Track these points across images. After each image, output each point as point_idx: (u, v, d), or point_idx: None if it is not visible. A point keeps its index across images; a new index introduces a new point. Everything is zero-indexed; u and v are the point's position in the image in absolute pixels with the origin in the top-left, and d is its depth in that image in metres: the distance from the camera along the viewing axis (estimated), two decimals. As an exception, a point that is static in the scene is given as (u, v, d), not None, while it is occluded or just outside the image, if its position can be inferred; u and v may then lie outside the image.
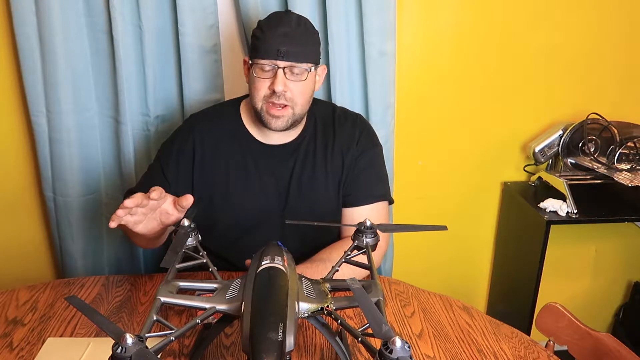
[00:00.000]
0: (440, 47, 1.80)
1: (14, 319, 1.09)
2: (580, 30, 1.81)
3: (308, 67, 1.22)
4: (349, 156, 1.34)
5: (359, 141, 1.35)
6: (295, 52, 1.19)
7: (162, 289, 0.81)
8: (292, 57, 1.19)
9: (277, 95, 1.20)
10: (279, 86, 1.19)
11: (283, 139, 1.32)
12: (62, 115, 1.61)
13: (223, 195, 1.31)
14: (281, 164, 1.32)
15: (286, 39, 1.18)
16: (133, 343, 0.63)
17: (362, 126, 1.39)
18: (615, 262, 2.11)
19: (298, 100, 1.23)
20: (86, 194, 1.71)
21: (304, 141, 1.33)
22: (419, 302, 1.17)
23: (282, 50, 1.17)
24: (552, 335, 1.25)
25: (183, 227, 0.99)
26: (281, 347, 0.67)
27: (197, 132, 1.32)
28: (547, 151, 1.80)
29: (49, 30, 1.53)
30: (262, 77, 1.21)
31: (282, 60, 1.18)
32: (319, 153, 1.33)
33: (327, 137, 1.34)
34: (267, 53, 1.19)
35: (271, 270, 0.82)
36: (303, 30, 1.23)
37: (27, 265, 1.90)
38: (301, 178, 1.32)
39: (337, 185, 1.34)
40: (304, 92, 1.23)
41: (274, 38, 1.18)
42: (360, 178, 1.35)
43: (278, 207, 1.32)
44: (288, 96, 1.21)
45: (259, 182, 1.31)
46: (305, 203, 1.32)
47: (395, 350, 0.62)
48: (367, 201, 1.36)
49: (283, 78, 1.19)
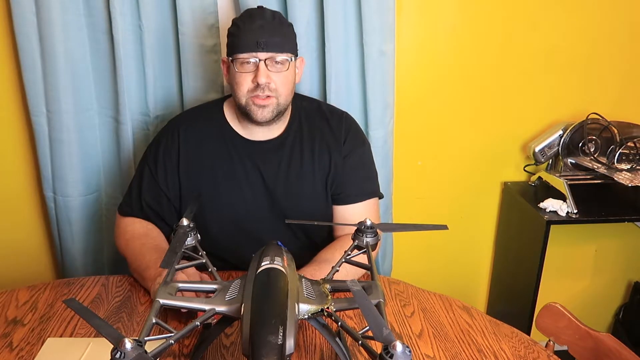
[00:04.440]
0: (440, 47, 1.80)
1: (14, 319, 1.09)
2: (580, 30, 1.81)
3: (288, 56, 1.22)
4: (336, 154, 1.34)
5: (346, 140, 1.36)
6: (275, 42, 1.20)
7: (161, 291, 0.81)
8: (272, 48, 1.19)
9: (261, 88, 1.20)
10: (262, 78, 1.19)
11: (268, 135, 1.32)
12: (62, 115, 1.61)
13: (210, 193, 1.31)
14: (267, 160, 1.32)
15: (264, 30, 1.19)
16: (132, 348, 0.63)
17: (349, 124, 1.39)
18: (615, 262, 2.11)
19: (282, 90, 1.23)
20: (86, 194, 1.71)
21: (289, 137, 1.33)
22: (418, 302, 1.17)
23: (261, 42, 1.18)
24: (552, 335, 1.25)
25: (182, 227, 0.97)
26: (281, 350, 0.67)
27: (182, 131, 1.33)
28: (547, 151, 1.80)
29: (49, 30, 1.53)
30: (243, 72, 1.21)
31: (262, 51, 1.19)
32: (306, 149, 1.33)
33: (313, 132, 1.35)
34: (246, 46, 1.19)
35: (271, 271, 0.82)
36: (278, 21, 1.24)
37: (27, 265, 1.90)
38: (288, 174, 1.32)
39: (324, 182, 1.35)
40: (286, 82, 1.24)
41: (251, 31, 1.19)
42: (351, 177, 1.36)
43: (266, 204, 1.32)
44: (272, 87, 1.21)
45: (246, 179, 1.32)
46: (293, 199, 1.33)
47: (396, 354, 0.61)
48: (359, 199, 1.37)
49: (265, 70, 1.20)
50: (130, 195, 1.36)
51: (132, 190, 1.36)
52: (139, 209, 1.34)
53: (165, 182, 1.32)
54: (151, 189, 1.33)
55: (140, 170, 1.37)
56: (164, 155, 1.32)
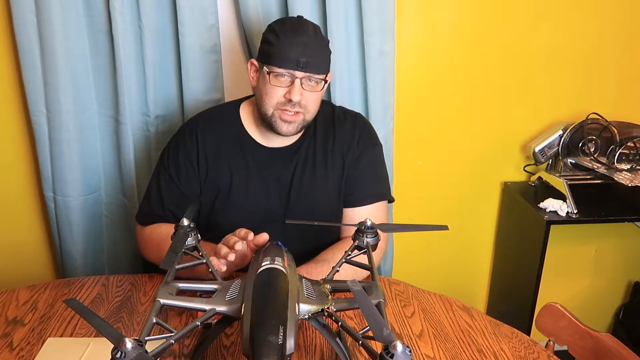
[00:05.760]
0: (440, 47, 1.80)
1: (14, 319, 1.09)
2: (580, 30, 1.81)
3: (323, 77, 1.22)
4: (349, 156, 1.34)
5: (359, 141, 1.35)
6: (314, 63, 1.18)
7: (162, 291, 0.81)
8: (311, 69, 1.18)
9: (292, 104, 1.19)
10: (297, 96, 1.18)
11: (285, 142, 1.32)
12: (62, 115, 1.60)
13: (226, 196, 1.31)
14: (282, 167, 1.32)
15: (306, 49, 1.17)
16: (132, 348, 0.63)
17: (362, 125, 1.38)
18: (615, 262, 2.11)
19: (311, 107, 1.23)
20: (86, 194, 1.71)
21: (304, 143, 1.33)
22: (419, 302, 1.17)
23: (302, 61, 1.16)
24: (552, 335, 1.25)
25: (182, 227, 0.97)
26: (282, 350, 0.67)
27: (199, 134, 1.31)
28: (547, 151, 1.80)
29: (49, 30, 1.53)
30: (277, 85, 1.19)
31: (301, 71, 1.17)
32: (319, 154, 1.33)
33: (327, 137, 1.34)
34: (286, 62, 1.17)
35: (271, 272, 0.82)
36: (320, 39, 1.22)
37: (27, 265, 1.90)
38: (302, 180, 1.32)
39: (337, 186, 1.34)
40: (316, 100, 1.24)
41: (293, 47, 1.17)
42: (361, 178, 1.35)
43: (280, 209, 1.32)
44: (303, 104, 1.21)
45: (261, 184, 1.31)
46: (307, 205, 1.32)
47: (396, 354, 0.61)
48: (368, 201, 1.36)
49: (300, 88, 1.19)
50: (150, 203, 1.33)
51: (151, 199, 1.33)
52: (162, 217, 1.32)
53: (188, 186, 1.31)
54: (173, 195, 1.31)
55: (157, 177, 1.34)
56: (184, 160, 1.30)
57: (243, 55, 1.72)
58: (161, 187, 1.32)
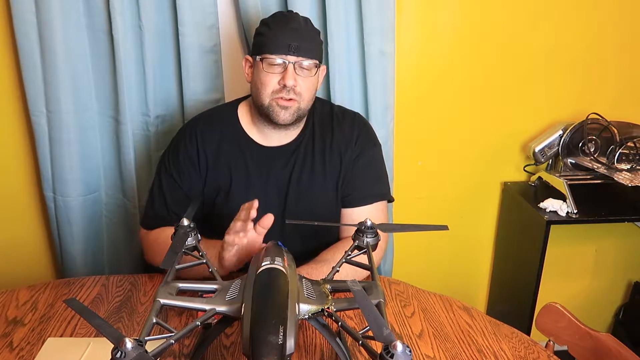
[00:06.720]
0: (440, 47, 1.80)
1: (14, 319, 1.09)
2: (580, 30, 1.81)
3: (315, 63, 1.23)
4: (347, 155, 1.34)
5: (357, 141, 1.35)
6: (305, 47, 1.21)
7: (162, 291, 0.81)
8: (302, 53, 1.20)
9: (286, 90, 1.21)
10: (290, 80, 1.20)
11: (282, 140, 1.32)
12: (62, 115, 1.60)
13: (226, 196, 1.31)
14: (281, 166, 1.32)
15: (297, 34, 1.20)
16: (132, 347, 0.63)
17: (361, 125, 1.38)
18: (615, 262, 2.11)
19: (305, 95, 1.24)
20: (86, 194, 1.71)
21: (302, 141, 1.33)
22: (419, 302, 1.17)
23: (293, 45, 1.19)
24: (552, 335, 1.25)
25: (182, 227, 0.97)
26: (282, 350, 0.67)
27: (199, 134, 1.32)
28: (547, 151, 1.80)
29: (49, 30, 1.53)
30: (271, 72, 1.21)
31: (293, 55, 1.19)
32: (317, 153, 1.33)
33: (325, 136, 1.35)
34: (277, 48, 1.20)
35: (271, 272, 0.82)
36: (310, 27, 1.26)
37: (27, 265, 1.90)
38: (300, 179, 1.32)
39: (335, 186, 1.34)
40: (310, 87, 1.25)
41: (284, 33, 1.20)
42: (360, 178, 1.35)
43: (278, 209, 1.32)
44: (297, 90, 1.22)
45: (260, 184, 1.31)
46: (305, 204, 1.32)
47: (396, 354, 0.61)
48: (367, 201, 1.36)
49: (293, 73, 1.21)
50: (154, 207, 1.33)
51: (154, 202, 1.34)
52: (166, 219, 1.32)
53: (190, 187, 1.31)
54: (177, 197, 1.31)
55: (159, 180, 1.34)
56: (184, 161, 1.31)
57: (243, 55, 1.72)
58: (164, 189, 1.32)
